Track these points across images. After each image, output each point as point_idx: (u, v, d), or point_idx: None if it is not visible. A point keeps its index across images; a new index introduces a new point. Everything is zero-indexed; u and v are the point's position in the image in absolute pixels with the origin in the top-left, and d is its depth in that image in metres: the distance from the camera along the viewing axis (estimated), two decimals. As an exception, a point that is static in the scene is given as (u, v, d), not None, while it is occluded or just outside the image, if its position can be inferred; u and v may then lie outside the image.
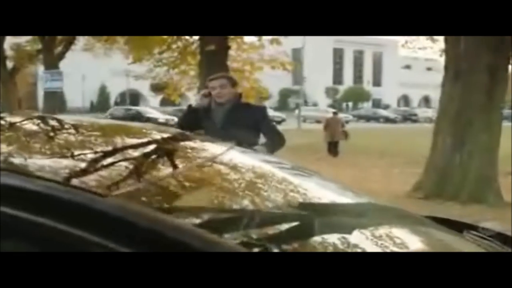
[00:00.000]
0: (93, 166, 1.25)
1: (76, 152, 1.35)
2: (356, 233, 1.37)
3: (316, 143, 18.08)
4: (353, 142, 17.41)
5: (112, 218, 1.00)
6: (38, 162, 1.25)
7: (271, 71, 16.42)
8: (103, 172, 1.24)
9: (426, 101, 76.26)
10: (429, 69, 77.51)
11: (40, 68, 27.06)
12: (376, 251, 1.31)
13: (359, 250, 1.30)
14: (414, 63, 74.63)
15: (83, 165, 1.25)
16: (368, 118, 48.23)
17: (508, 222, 4.15)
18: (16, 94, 22.45)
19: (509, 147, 10.93)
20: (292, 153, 8.41)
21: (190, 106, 4.35)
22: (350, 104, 66.50)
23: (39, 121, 1.75)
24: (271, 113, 42.79)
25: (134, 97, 55.57)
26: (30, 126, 1.69)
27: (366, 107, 63.45)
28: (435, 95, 71.46)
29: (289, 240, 1.22)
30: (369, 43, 69.32)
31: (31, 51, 22.59)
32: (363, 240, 1.36)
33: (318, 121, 40.39)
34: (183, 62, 14.30)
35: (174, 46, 13.63)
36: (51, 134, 1.58)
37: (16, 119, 1.77)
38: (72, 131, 1.62)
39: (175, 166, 1.46)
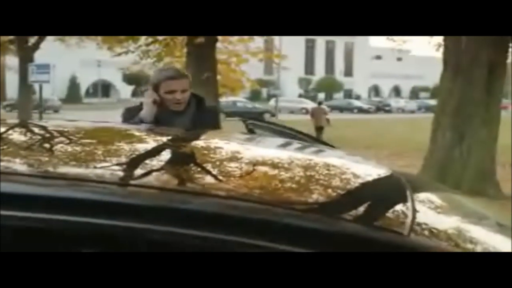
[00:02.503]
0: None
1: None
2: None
3: (300, 134, 18.07)
4: (339, 134, 17.46)
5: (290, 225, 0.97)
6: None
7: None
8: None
9: (396, 91, 77.21)
10: (399, 59, 78.42)
11: (9, 59, 26.36)
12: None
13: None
14: (384, 53, 75.26)
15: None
16: (341, 109, 48.69)
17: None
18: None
19: (506, 137, 11.01)
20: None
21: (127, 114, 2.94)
22: (323, 95, 66.83)
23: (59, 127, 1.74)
24: (248, 104, 42.99)
25: (106, 88, 54.70)
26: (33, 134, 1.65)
27: (338, 97, 64.01)
28: (405, 85, 72.59)
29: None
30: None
31: (2, 41, 21.92)
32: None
33: (291, 112, 40.77)
34: (169, 54, 14.05)
35: (160, 38, 13.36)
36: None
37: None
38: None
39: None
